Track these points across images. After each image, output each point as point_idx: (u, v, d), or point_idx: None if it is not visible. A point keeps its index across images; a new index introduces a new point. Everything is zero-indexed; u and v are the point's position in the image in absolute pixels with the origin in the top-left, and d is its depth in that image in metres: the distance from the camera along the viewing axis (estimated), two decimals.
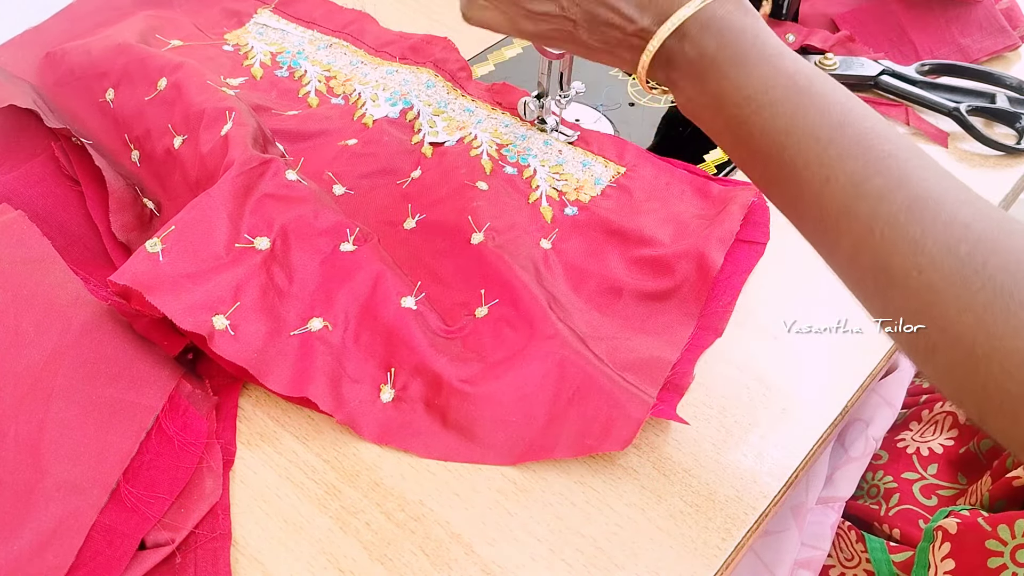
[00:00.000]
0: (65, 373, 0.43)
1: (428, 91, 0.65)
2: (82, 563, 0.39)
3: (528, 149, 0.61)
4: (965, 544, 0.44)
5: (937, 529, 0.46)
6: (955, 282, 0.32)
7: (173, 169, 0.55)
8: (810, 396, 0.48)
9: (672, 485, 0.44)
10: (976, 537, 0.44)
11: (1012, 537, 0.43)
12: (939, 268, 0.32)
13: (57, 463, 0.41)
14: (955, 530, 0.45)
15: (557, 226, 0.56)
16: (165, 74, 0.58)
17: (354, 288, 0.49)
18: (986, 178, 0.61)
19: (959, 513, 0.47)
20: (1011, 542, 0.43)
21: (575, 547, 0.41)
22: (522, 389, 0.46)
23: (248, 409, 0.47)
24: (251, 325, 0.46)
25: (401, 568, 0.41)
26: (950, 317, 0.32)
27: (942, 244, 0.32)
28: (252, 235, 0.49)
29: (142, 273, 0.45)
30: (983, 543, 0.43)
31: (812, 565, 0.52)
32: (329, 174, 0.58)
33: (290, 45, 0.70)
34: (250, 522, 0.42)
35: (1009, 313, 0.31)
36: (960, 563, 0.44)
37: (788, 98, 0.37)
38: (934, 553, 0.46)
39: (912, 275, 0.33)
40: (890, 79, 0.65)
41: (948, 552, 0.45)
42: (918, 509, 0.53)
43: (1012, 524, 0.43)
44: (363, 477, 0.44)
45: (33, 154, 0.58)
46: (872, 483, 0.57)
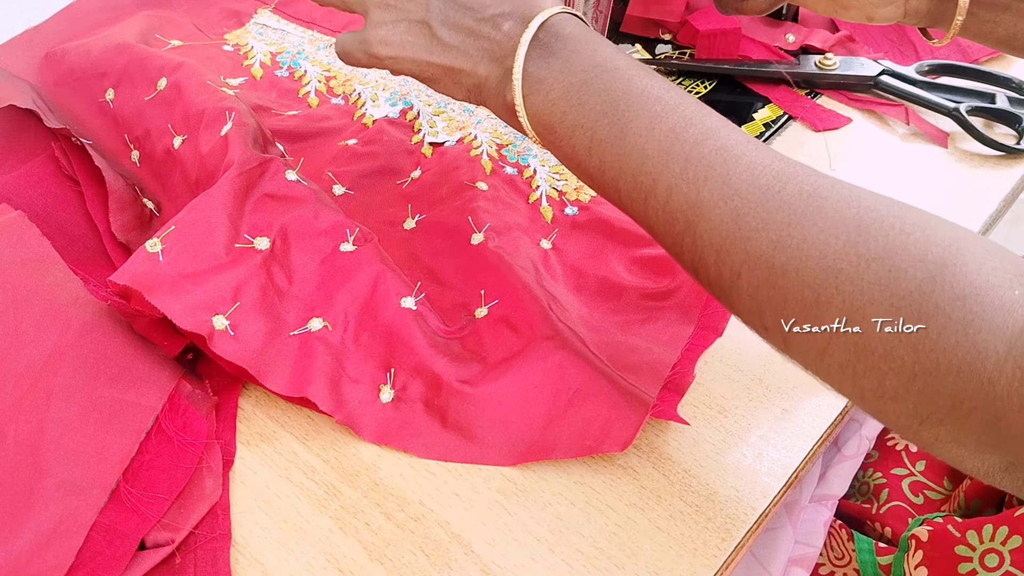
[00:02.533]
0: (65, 373, 0.43)
1: (428, 91, 0.65)
2: (82, 563, 0.39)
3: (528, 149, 0.61)
4: (936, 551, 0.45)
5: (911, 538, 0.46)
6: (757, 206, 0.35)
7: (173, 169, 0.55)
8: (810, 396, 0.48)
9: (672, 485, 0.44)
10: (946, 544, 0.44)
11: (980, 542, 0.43)
12: (744, 196, 0.35)
13: (57, 463, 0.41)
14: (927, 538, 0.45)
15: (557, 226, 0.56)
16: (165, 74, 0.58)
17: (354, 288, 0.49)
18: (986, 178, 0.61)
19: (932, 521, 0.47)
20: (979, 547, 0.43)
21: (575, 547, 0.41)
22: (522, 390, 0.46)
23: (248, 409, 0.47)
24: (251, 325, 0.46)
25: (401, 568, 0.41)
26: (752, 237, 0.35)
27: (746, 177, 0.36)
28: (252, 235, 0.49)
29: (142, 273, 0.45)
30: (953, 549, 0.44)
31: (805, 562, 0.52)
32: (329, 174, 0.58)
33: (290, 45, 0.70)
34: (250, 522, 0.42)
35: (803, 227, 0.34)
36: (932, 570, 0.45)
37: (629, 66, 0.41)
38: (908, 562, 0.46)
39: (719, 205, 0.36)
40: (890, 79, 0.66)
41: (921, 560, 0.45)
42: (907, 506, 0.53)
43: (980, 529, 0.43)
44: (363, 477, 0.44)
45: (33, 154, 0.58)
46: (863, 481, 0.57)
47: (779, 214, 0.34)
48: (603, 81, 0.40)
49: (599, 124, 0.40)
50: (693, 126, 0.38)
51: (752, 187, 0.35)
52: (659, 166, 0.38)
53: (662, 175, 0.38)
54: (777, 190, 0.35)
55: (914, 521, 0.50)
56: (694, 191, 0.37)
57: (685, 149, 0.37)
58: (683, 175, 0.37)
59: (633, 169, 0.39)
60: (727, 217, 0.36)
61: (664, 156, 0.38)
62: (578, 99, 0.40)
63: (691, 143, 0.37)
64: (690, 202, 0.37)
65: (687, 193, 0.37)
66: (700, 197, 0.36)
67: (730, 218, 0.36)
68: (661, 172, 0.38)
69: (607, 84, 0.40)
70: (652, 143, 0.38)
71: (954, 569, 0.43)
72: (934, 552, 0.45)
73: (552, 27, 0.42)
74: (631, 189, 0.39)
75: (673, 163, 0.37)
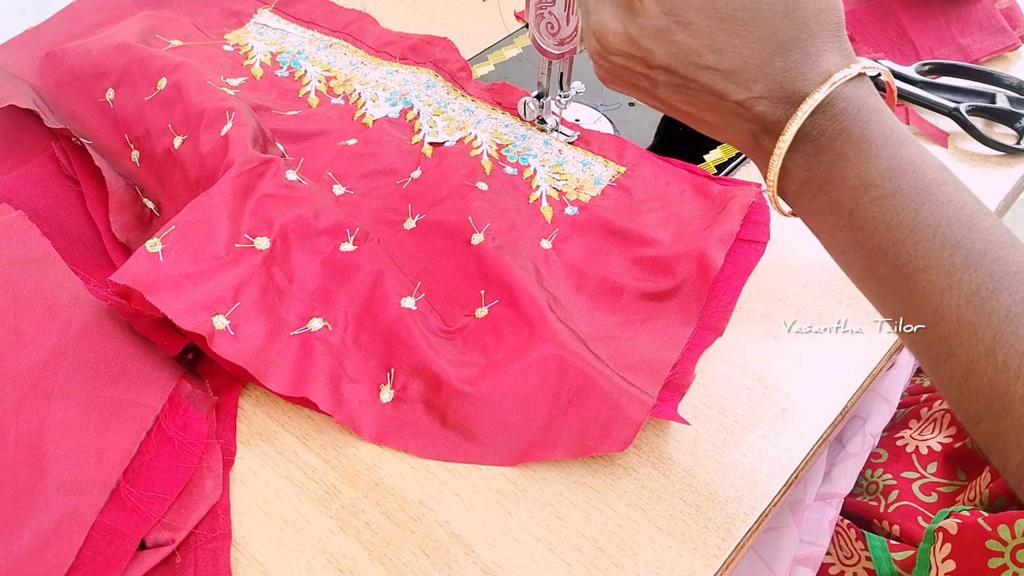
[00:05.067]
0: (65, 373, 0.43)
1: (428, 91, 0.65)
2: (82, 563, 0.39)
3: (528, 149, 0.61)
4: (965, 545, 0.45)
5: (938, 530, 0.46)
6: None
7: (173, 169, 0.55)
8: (810, 396, 0.48)
9: (672, 485, 0.44)
10: (976, 537, 0.44)
11: (1012, 537, 0.43)
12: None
13: (57, 463, 0.41)
14: (955, 531, 0.45)
15: (557, 226, 0.56)
16: (165, 74, 0.58)
17: (354, 288, 0.49)
18: (986, 178, 0.61)
19: (959, 514, 0.47)
20: (1011, 542, 0.43)
21: (575, 547, 0.41)
22: (522, 390, 0.46)
23: (248, 409, 0.47)
24: (251, 325, 0.46)
25: (401, 568, 0.41)
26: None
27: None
28: (252, 235, 0.49)
29: (142, 273, 0.45)
30: (983, 543, 0.43)
31: (811, 562, 0.52)
32: (329, 174, 0.58)
33: (290, 45, 0.70)
34: (250, 522, 0.42)
35: None
36: (961, 564, 0.44)
37: (916, 190, 0.33)
38: (935, 554, 0.46)
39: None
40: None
41: (949, 553, 0.45)
42: (917, 506, 0.53)
43: (1012, 524, 0.43)
44: (363, 477, 0.44)
45: (33, 154, 0.58)
46: (871, 480, 0.57)
47: None
48: (881, 208, 0.33)
49: (875, 262, 0.33)
50: (1004, 289, 0.30)
51: None
52: (958, 336, 0.31)
53: (961, 347, 0.31)
54: None
55: (939, 513, 0.49)
56: (1003, 380, 0.30)
57: (994, 323, 0.30)
58: (989, 356, 0.30)
59: (923, 322, 0.32)
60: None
61: (966, 328, 0.31)
62: (847, 222, 0.34)
63: (1002, 316, 0.30)
64: (997, 391, 0.30)
65: (993, 380, 0.30)
66: (1010, 390, 0.30)
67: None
68: (960, 344, 0.31)
69: (886, 212, 0.32)
70: (948, 306, 0.31)
71: (984, 563, 0.43)
72: (963, 545, 0.45)
73: (833, 105, 0.34)
74: (921, 346, 0.33)
75: (977, 341, 0.31)
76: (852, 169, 0.34)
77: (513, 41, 0.72)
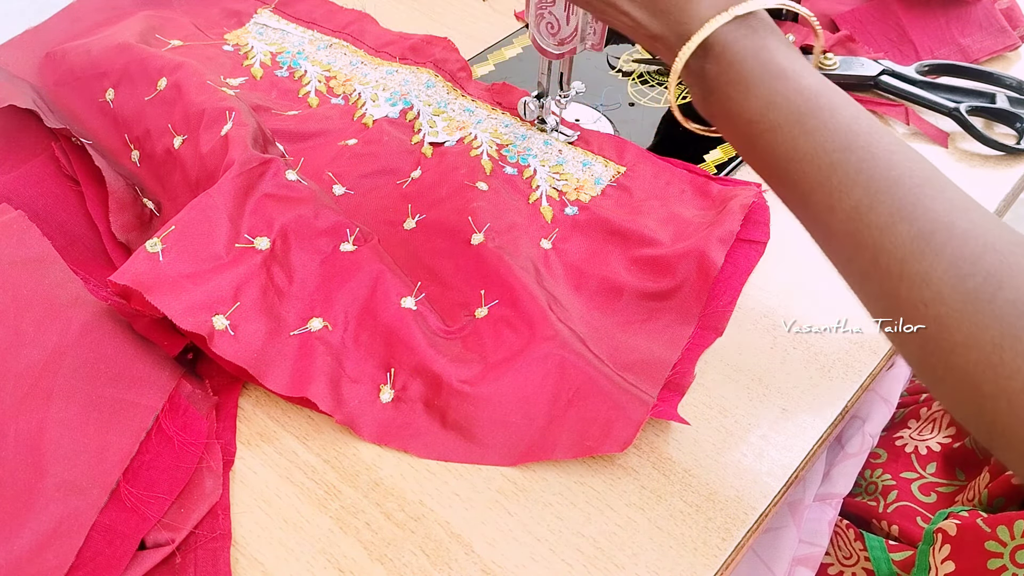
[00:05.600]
0: (65, 373, 0.43)
1: (428, 91, 0.65)
2: (82, 563, 0.39)
3: (528, 149, 0.61)
4: (965, 546, 0.45)
5: (937, 531, 0.46)
6: (962, 318, 0.30)
7: (173, 169, 0.55)
8: (810, 396, 0.48)
9: (672, 485, 0.44)
10: (975, 538, 0.44)
11: (1011, 538, 0.43)
12: (945, 302, 0.31)
13: (57, 463, 0.41)
14: (955, 532, 0.45)
15: (557, 226, 0.56)
16: (165, 74, 0.58)
17: (354, 288, 0.49)
18: (986, 178, 0.61)
19: (958, 515, 0.47)
20: (1010, 543, 0.43)
21: (575, 547, 0.41)
22: (522, 390, 0.46)
23: (248, 409, 0.47)
24: (251, 325, 0.46)
25: (401, 568, 0.41)
26: (957, 352, 0.30)
27: (949, 279, 0.31)
28: (252, 235, 0.49)
29: (142, 273, 0.45)
30: (982, 544, 0.43)
31: (810, 562, 0.52)
32: (329, 174, 0.58)
33: (290, 45, 0.70)
34: (250, 522, 0.42)
35: (1016, 352, 0.29)
36: (960, 565, 0.45)
37: (789, 121, 0.35)
38: (934, 555, 0.46)
39: (919, 307, 0.31)
40: (890, 79, 0.65)
41: (948, 554, 0.45)
42: (916, 506, 0.53)
43: (1011, 525, 0.43)
44: (363, 477, 0.44)
45: (33, 154, 0.58)
46: (870, 480, 0.57)
47: None
48: (765, 141, 0.36)
49: (778, 189, 0.37)
50: (880, 204, 0.33)
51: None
52: (850, 250, 0.34)
53: (853, 260, 0.34)
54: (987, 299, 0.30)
55: (939, 514, 0.50)
56: (890, 287, 0.33)
57: (874, 235, 0.33)
58: (874, 265, 0.33)
59: (822, 238, 0.36)
60: None
61: (851, 241, 0.34)
62: (747, 154, 0.38)
63: (880, 227, 0.33)
64: (887, 295, 0.33)
65: (882, 286, 0.33)
66: (897, 295, 0.32)
67: None
68: (852, 257, 0.34)
69: (768, 144, 0.36)
70: (834, 224, 0.34)
71: (983, 564, 0.43)
72: (962, 546, 0.45)
73: (712, 48, 0.37)
74: (831, 260, 0.36)
75: (863, 251, 0.33)
76: (736, 107, 0.36)
77: (513, 41, 0.72)
